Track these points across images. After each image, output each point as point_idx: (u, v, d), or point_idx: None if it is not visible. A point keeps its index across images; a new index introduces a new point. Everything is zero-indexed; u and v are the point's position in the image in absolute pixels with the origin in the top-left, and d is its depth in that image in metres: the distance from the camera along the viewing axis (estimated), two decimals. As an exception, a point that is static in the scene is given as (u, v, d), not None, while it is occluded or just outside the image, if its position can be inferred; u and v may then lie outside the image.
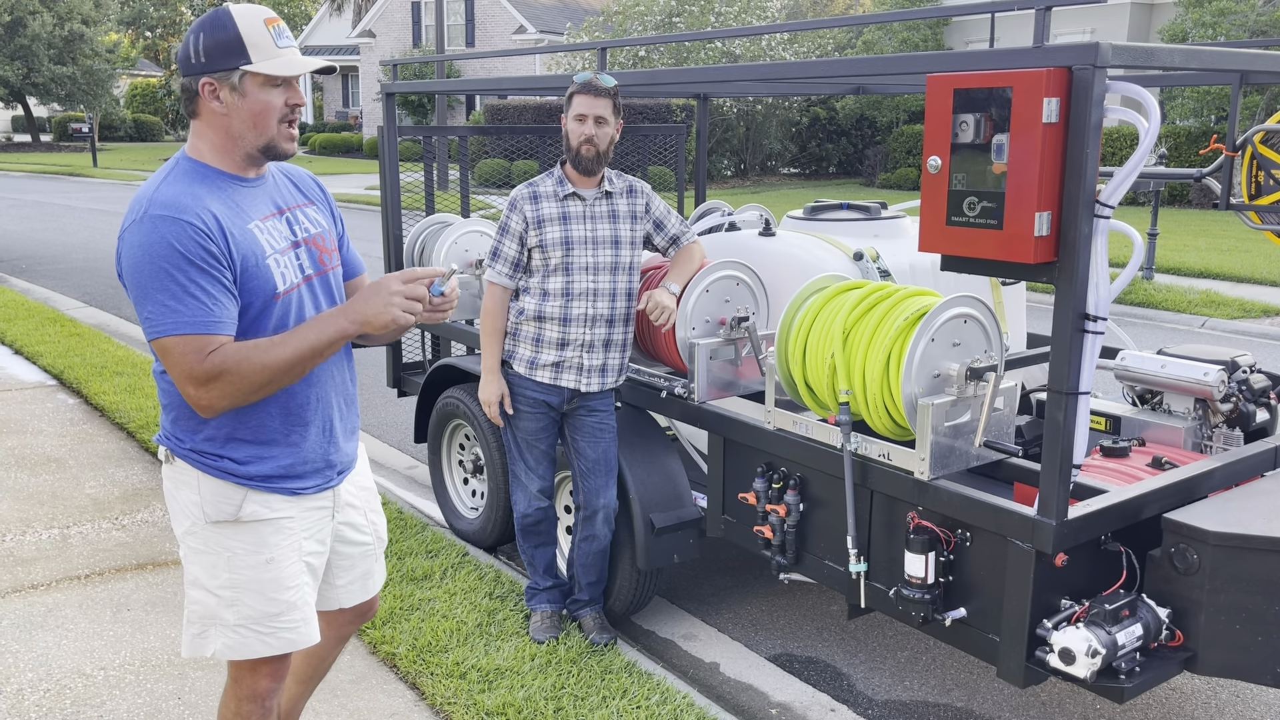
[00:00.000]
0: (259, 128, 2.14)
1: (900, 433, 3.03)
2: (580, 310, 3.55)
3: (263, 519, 2.24)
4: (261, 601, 2.26)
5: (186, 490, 2.23)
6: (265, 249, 2.16)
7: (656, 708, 3.28)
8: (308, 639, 2.34)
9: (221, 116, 2.13)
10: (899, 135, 24.87)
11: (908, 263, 3.98)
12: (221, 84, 2.11)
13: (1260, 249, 14.00)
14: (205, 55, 2.10)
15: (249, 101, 2.12)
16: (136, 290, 2.05)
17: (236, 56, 2.09)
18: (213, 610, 2.26)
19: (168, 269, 2.02)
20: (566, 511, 4.20)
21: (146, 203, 2.07)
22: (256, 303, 2.15)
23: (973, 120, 2.54)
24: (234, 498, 2.21)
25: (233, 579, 2.24)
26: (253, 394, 2.10)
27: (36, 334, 8.57)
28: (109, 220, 18.81)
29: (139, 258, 2.04)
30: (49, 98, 40.76)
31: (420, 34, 36.16)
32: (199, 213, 2.06)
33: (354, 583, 2.53)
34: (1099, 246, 2.53)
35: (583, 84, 3.48)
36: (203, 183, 2.13)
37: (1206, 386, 3.42)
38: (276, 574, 2.26)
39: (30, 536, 4.63)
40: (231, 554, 2.24)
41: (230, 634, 2.27)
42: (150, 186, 2.11)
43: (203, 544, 2.24)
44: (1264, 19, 18.00)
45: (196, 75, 2.11)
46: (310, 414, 2.28)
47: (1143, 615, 2.69)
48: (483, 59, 32.65)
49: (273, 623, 2.28)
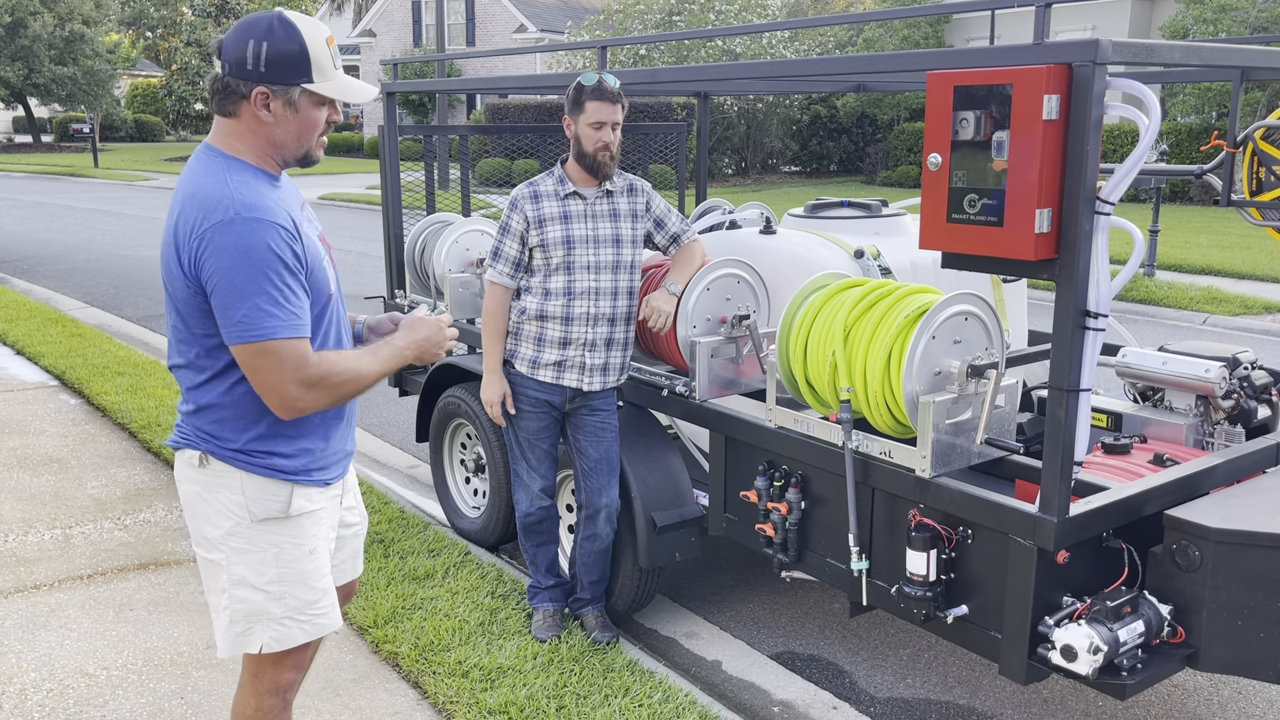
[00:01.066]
0: (302, 141, 2.17)
1: (901, 430, 3.03)
2: (582, 309, 3.55)
3: (306, 512, 2.29)
4: (305, 591, 2.30)
5: (226, 492, 2.22)
6: (322, 251, 2.24)
7: (659, 706, 3.28)
8: (336, 622, 2.40)
9: (266, 125, 2.12)
10: (900, 133, 24.85)
11: (909, 260, 3.98)
12: (276, 96, 2.10)
13: (1261, 245, 13.98)
14: (267, 66, 2.07)
15: (300, 116, 2.14)
16: (230, 292, 2.03)
17: (300, 75, 2.09)
18: (261, 606, 2.27)
19: (267, 272, 2.03)
20: (569, 510, 4.20)
21: (232, 204, 2.04)
22: (318, 304, 2.20)
23: (973, 117, 2.54)
24: (281, 494, 2.24)
25: (280, 573, 2.27)
26: (341, 400, 2.20)
27: (38, 335, 8.58)
28: (110, 221, 18.83)
29: (235, 260, 2.02)
30: (50, 98, 40.80)
31: (421, 33, 36.17)
32: (285, 215, 2.09)
33: (346, 561, 2.59)
34: (1100, 243, 2.53)
35: (596, 89, 3.41)
36: (263, 182, 2.14)
37: (1208, 383, 3.41)
38: (318, 563, 2.33)
39: (33, 537, 4.63)
40: (279, 549, 2.26)
41: (277, 627, 2.29)
42: (222, 187, 2.07)
43: (248, 543, 2.24)
44: (1265, 15, 17.98)
45: (251, 82, 2.08)
46: (345, 406, 2.36)
47: (1144, 612, 2.69)
48: (483, 58, 32.61)
49: (311, 610, 2.32)
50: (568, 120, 3.51)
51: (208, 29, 40.34)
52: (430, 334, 2.34)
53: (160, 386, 6.94)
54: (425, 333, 2.34)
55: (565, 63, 28.13)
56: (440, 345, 2.36)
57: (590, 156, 3.47)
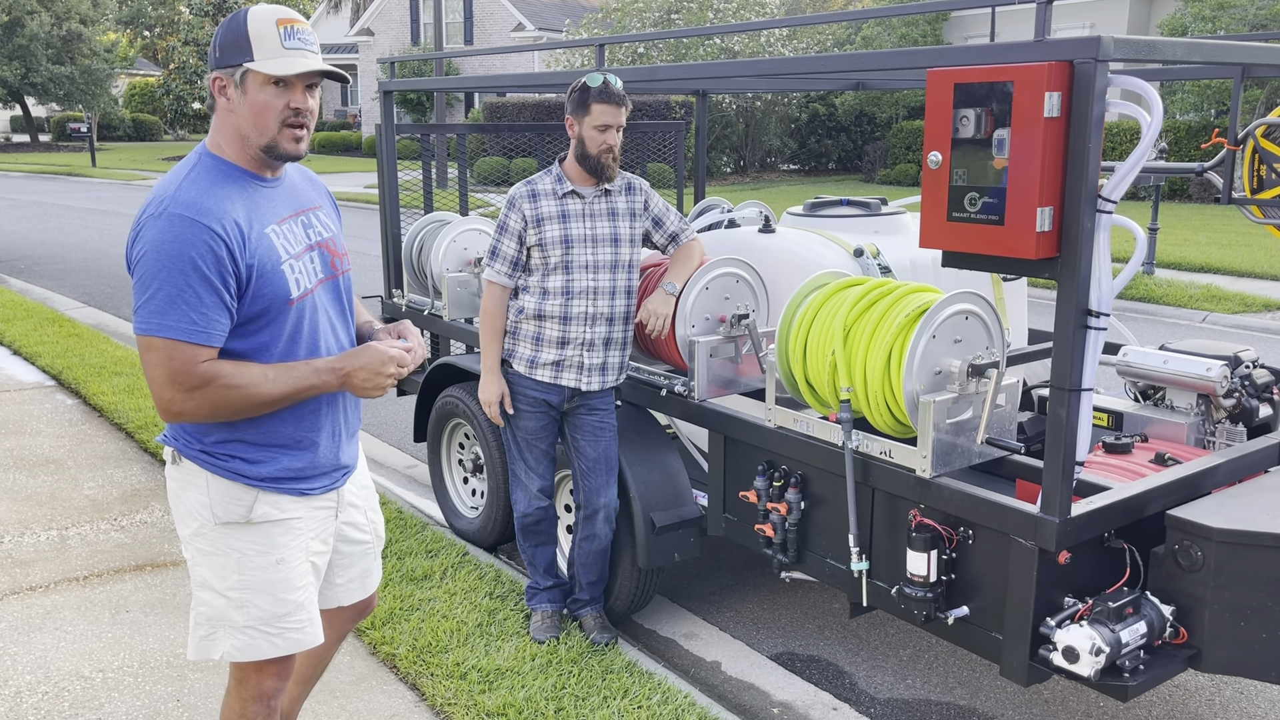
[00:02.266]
0: (259, 127, 2.13)
1: (902, 430, 3.01)
2: (580, 309, 3.53)
3: (273, 520, 2.24)
4: (270, 602, 2.26)
5: (194, 492, 2.22)
6: (280, 254, 2.17)
7: (658, 707, 3.27)
8: (313, 639, 2.34)
9: (229, 113, 2.14)
10: (899, 131, 24.84)
11: (908, 259, 3.96)
12: (228, 80, 2.12)
13: (1262, 243, 13.98)
14: (220, 50, 2.12)
15: (249, 99, 2.12)
16: (139, 282, 2.06)
17: (242, 54, 2.10)
18: (221, 612, 2.25)
19: (175, 271, 2.02)
20: (567, 510, 4.19)
21: (168, 199, 2.06)
22: (271, 309, 2.15)
23: (974, 115, 2.52)
24: (244, 499, 2.21)
25: (242, 580, 2.23)
26: (227, 415, 2.13)
27: (35, 334, 8.56)
28: (108, 220, 18.80)
29: (148, 251, 2.04)
30: (47, 98, 40.74)
31: (419, 32, 36.14)
32: (220, 218, 2.07)
33: (354, 581, 2.54)
34: (1101, 242, 2.51)
35: (603, 91, 3.38)
36: (226, 181, 2.13)
37: (1209, 382, 3.40)
38: (286, 575, 2.26)
39: (28, 538, 4.61)
40: (241, 555, 2.23)
41: (239, 635, 2.26)
42: (174, 182, 2.10)
43: (211, 545, 2.23)
44: (1264, 12, 17.97)
45: (211, 70, 2.14)
46: (322, 419, 2.30)
47: (1146, 613, 2.68)
48: (481, 56, 32.56)
49: (281, 623, 2.27)
50: (571, 121, 3.48)
51: (205, 28, 40.27)
52: (368, 363, 2.19)
53: (157, 386, 6.92)
54: (362, 362, 2.19)
55: (564, 61, 28.10)
56: (375, 384, 2.20)
57: (594, 159, 3.45)
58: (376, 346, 2.22)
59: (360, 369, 2.20)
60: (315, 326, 2.25)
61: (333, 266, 2.32)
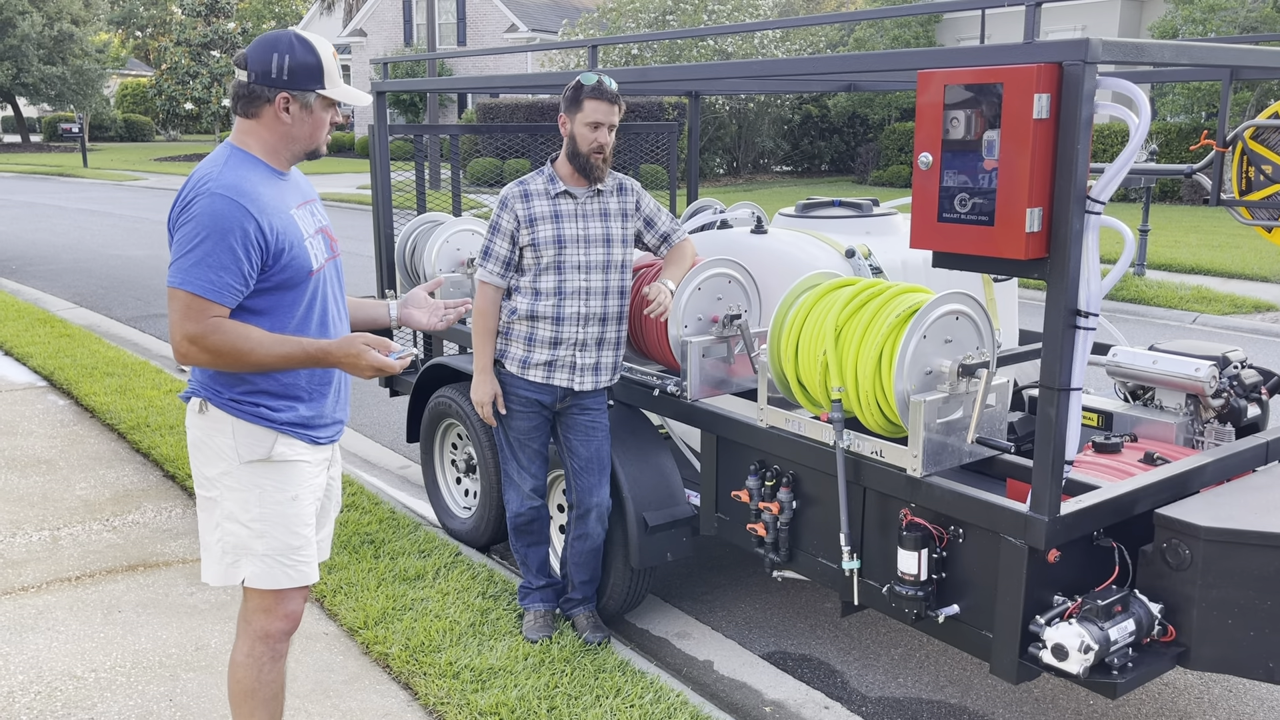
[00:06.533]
0: (314, 138, 2.57)
1: (893, 430, 3.03)
2: (573, 309, 3.54)
3: (289, 459, 2.56)
4: (286, 534, 2.57)
5: (221, 436, 2.53)
6: (303, 232, 2.53)
7: (650, 706, 3.28)
8: (315, 575, 2.66)
9: (285, 125, 2.50)
10: (891, 132, 24.90)
11: (899, 259, 3.98)
12: (295, 100, 2.49)
13: (1251, 244, 14.04)
14: (289, 74, 2.47)
15: (314, 117, 2.54)
16: (178, 243, 2.39)
17: (316, 81, 2.50)
18: (244, 541, 2.55)
19: (206, 239, 2.35)
20: (560, 510, 4.19)
21: (213, 180, 2.40)
22: (295, 276, 2.50)
23: (964, 116, 2.54)
24: (266, 440, 2.53)
25: (263, 513, 2.54)
26: (225, 366, 2.43)
27: (26, 335, 8.53)
28: (99, 221, 18.75)
29: (193, 218, 2.37)
30: (39, 98, 40.62)
31: (411, 32, 36.09)
32: (254, 198, 2.42)
33: (324, 541, 2.81)
34: (1090, 242, 2.53)
35: (596, 88, 3.39)
36: (254, 171, 2.48)
37: (1198, 382, 3.42)
38: (299, 510, 2.59)
39: (20, 538, 4.61)
40: (262, 490, 2.54)
41: (259, 562, 2.56)
42: (213, 169, 2.44)
43: (237, 482, 2.53)
44: (1254, 15, 18.05)
45: (276, 88, 2.47)
46: (331, 375, 2.65)
47: (1135, 611, 2.70)
48: (474, 57, 32.59)
49: (294, 555, 2.59)
50: (563, 118, 3.49)
51: (197, 28, 40.20)
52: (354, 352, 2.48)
53: (149, 387, 6.91)
54: (348, 351, 2.48)
55: (557, 62, 28.10)
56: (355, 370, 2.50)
57: (584, 156, 3.46)
58: (359, 350, 2.49)
59: (346, 356, 2.50)
60: (325, 297, 2.62)
61: (332, 249, 2.69)
